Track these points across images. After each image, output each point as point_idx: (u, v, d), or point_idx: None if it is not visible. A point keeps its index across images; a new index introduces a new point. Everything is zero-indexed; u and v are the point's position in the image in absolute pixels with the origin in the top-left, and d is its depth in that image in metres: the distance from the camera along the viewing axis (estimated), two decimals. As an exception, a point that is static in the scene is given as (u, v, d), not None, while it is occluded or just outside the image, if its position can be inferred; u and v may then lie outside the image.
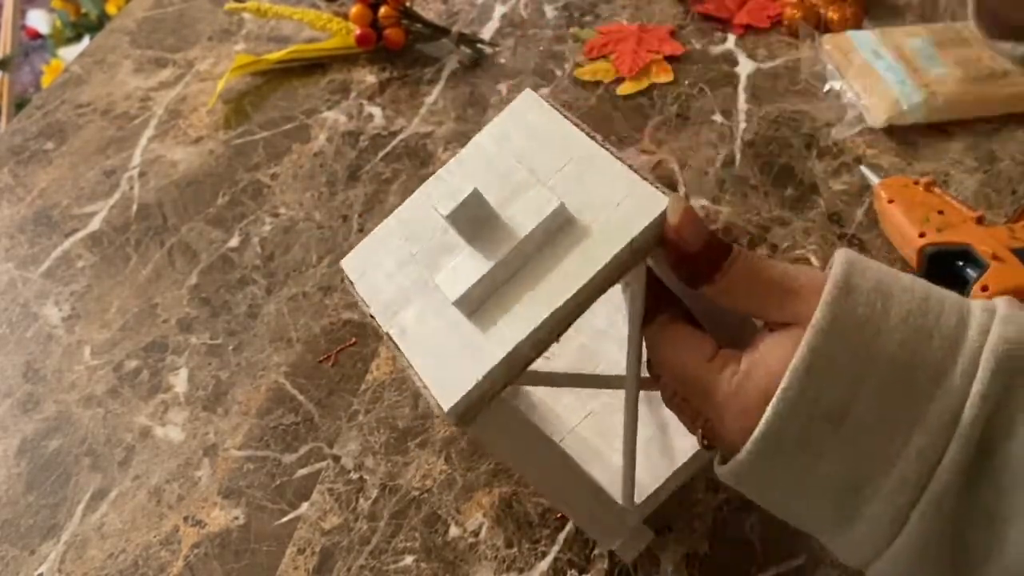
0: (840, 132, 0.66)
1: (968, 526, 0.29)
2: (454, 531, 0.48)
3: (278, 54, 0.80)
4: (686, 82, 0.73)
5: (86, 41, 1.79)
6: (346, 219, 0.66)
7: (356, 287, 0.39)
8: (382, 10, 0.79)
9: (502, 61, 0.78)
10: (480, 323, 0.34)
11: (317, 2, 0.88)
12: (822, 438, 0.30)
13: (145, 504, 0.52)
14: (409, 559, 0.47)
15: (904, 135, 0.65)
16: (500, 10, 0.84)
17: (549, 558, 0.46)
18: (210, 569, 0.48)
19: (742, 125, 0.68)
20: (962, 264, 0.53)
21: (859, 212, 0.61)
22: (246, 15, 0.88)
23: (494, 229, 0.35)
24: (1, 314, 0.64)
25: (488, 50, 0.79)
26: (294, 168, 0.71)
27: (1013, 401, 0.29)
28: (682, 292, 0.36)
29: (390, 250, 0.39)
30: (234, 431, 0.54)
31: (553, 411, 0.48)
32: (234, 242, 0.66)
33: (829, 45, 0.71)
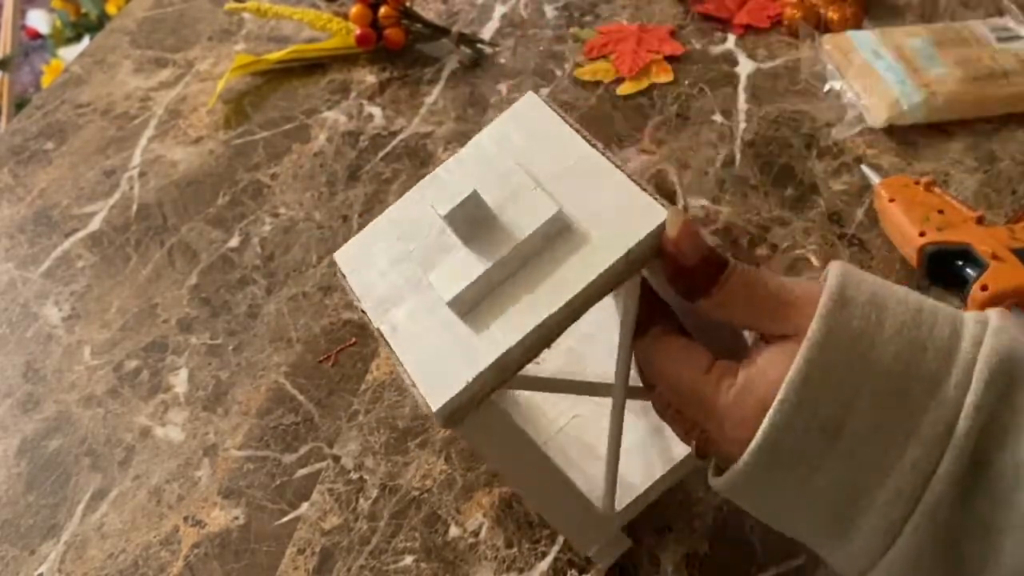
0: (840, 132, 0.66)
1: (963, 537, 0.29)
2: (454, 531, 0.48)
3: (278, 54, 0.80)
4: (686, 82, 0.73)
5: (86, 41, 1.79)
6: (346, 219, 0.66)
7: (348, 281, 0.39)
8: (382, 10, 0.79)
9: (502, 61, 0.78)
10: (473, 324, 0.34)
11: (317, 2, 0.88)
12: (818, 450, 0.30)
13: (145, 504, 0.52)
14: (409, 559, 0.47)
15: (904, 135, 0.65)
16: (500, 10, 0.84)
17: (549, 558, 0.46)
18: (210, 569, 0.48)
19: (742, 125, 0.68)
20: (962, 264, 0.53)
21: (859, 212, 0.61)
22: (246, 15, 0.88)
23: (491, 231, 0.35)
24: (1, 314, 0.64)
25: (488, 50, 0.79)
26: (294, 168, 0.71)
27: (1006, 412, 0.29)
28: (676, 304, 0.36)
29: (384, 246, 0.39)
30: (234, 431, 0.54)
31: (538, 411, 0.48)
32: (234, 242, 0.66)
33: (829, 45, 0.71)
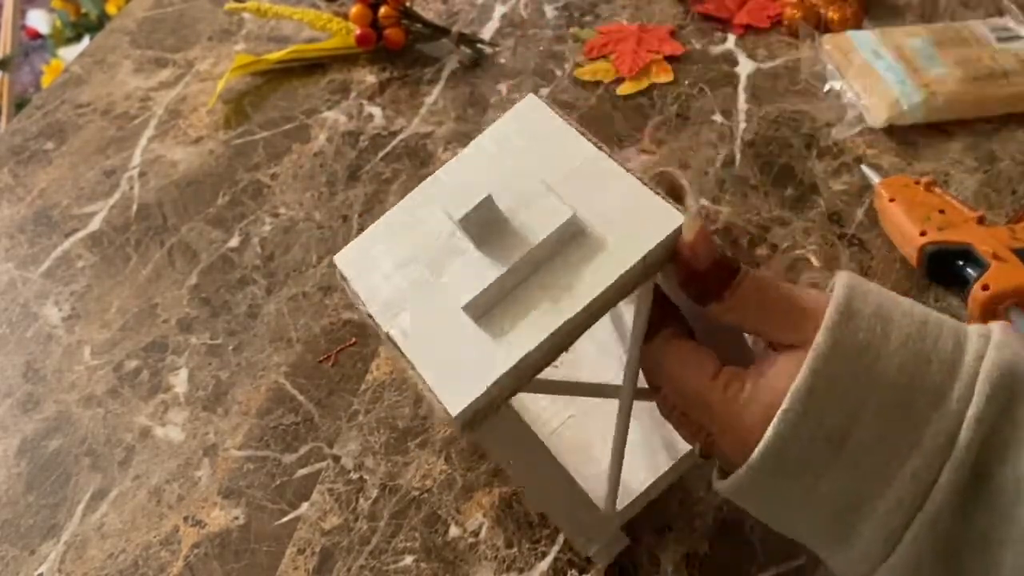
0: (840, 132, 0.66)
1: (964, 548, 0.30)
2: (454, 531, 0.48)
3: (278, 54, 0.80)
4: (686, 82, 0.73)
5: (86, 41, 1.79)
6: (346, 219, 0.66)
7: (352, 284, 0.38)
8: (382, 10, 0.79)
9: (502, 61, 0.78)
10: (488, 329, 0.34)
11: (317, 2, 0.88)
12: (822, 459, 0.31)
13: (145, 504, 0.52)
14: (409, 559, 0.47)
15: (904, 135, 0.65)
16: (500, 10, 0.84)
17: (549, 558, 0.46)
18: (210, 569, 0.48)
19: (742, 125, 0.68)
20: (963, 263, 0.53)
21: (859, 212, 0.61)
22: (246, 15, 0.88)
23: (504, 235, 0.35)
24: (1, 314, 0.64)
25: (488, 50, 0.79)
26: (294, 168, 0.71)
27: (1007, 426, 0.29)
28: (686, 308, 0.36)
29: (387, 249, 0.38)
30: (234, 431, 0.54)
31: (532, 412, 0.48)
32: (234, 242, 0.66)
33: (829, 45, 0.71)
